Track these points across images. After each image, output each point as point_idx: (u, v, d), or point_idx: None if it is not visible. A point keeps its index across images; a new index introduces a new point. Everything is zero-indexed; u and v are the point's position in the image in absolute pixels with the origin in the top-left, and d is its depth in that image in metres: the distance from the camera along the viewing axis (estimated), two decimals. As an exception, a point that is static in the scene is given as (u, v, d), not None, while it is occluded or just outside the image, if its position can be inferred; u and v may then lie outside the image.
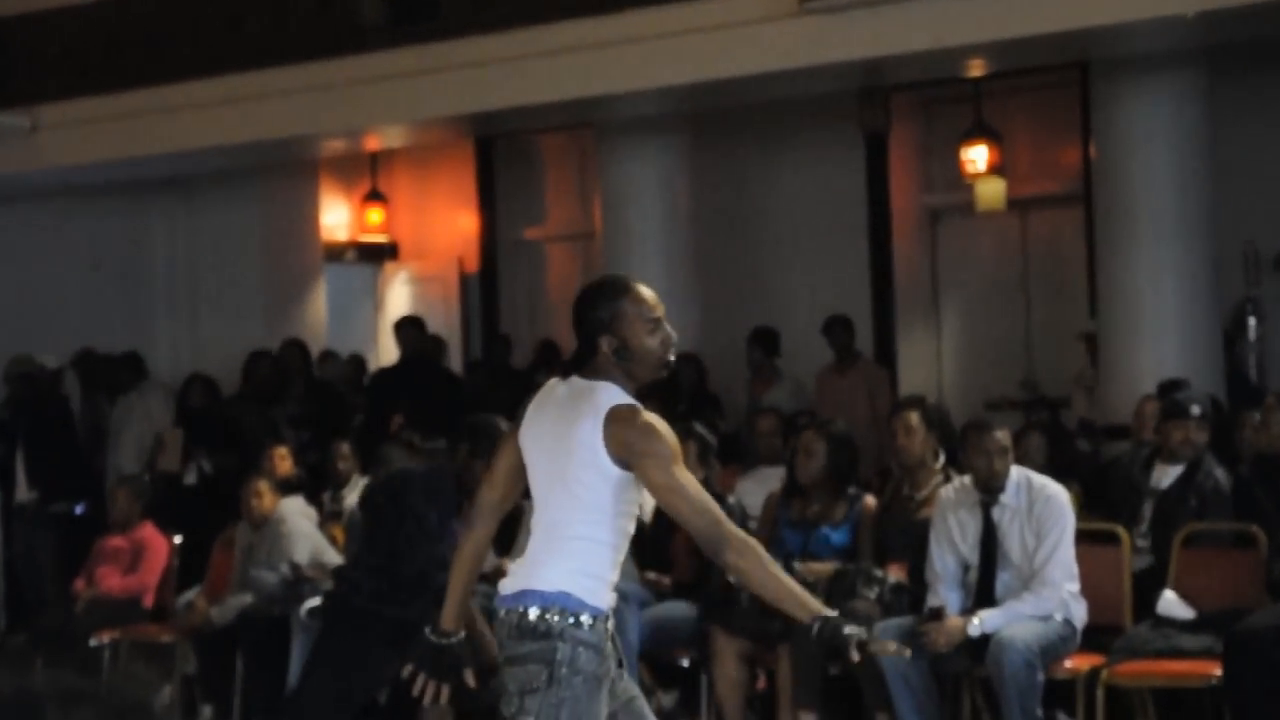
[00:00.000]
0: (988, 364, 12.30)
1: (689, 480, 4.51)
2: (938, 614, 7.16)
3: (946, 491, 7.51)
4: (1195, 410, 8.02)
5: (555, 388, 4.69)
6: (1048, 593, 7.13)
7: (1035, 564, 7.16)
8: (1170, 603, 7.31)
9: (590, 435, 4.51)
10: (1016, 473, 7.34)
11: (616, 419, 4.51)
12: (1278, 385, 10.07)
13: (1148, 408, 8.90)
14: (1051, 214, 12.30)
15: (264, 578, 9.15)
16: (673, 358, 4.75)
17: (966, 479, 7.41)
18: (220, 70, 11.96)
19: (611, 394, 4.58)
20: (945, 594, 7.28)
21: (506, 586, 4.61)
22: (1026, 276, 12.42)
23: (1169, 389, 9.21)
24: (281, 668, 8.75)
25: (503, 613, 4.57)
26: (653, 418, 4.55)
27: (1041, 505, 7.23)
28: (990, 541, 7.31)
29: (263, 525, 9.46)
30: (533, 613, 4.51)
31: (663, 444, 4.49)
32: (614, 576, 4.60)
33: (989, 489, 7.34)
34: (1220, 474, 7.93)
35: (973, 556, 7.32)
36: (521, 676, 4.49)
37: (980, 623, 7.10)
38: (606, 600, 4.56)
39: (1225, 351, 10.61)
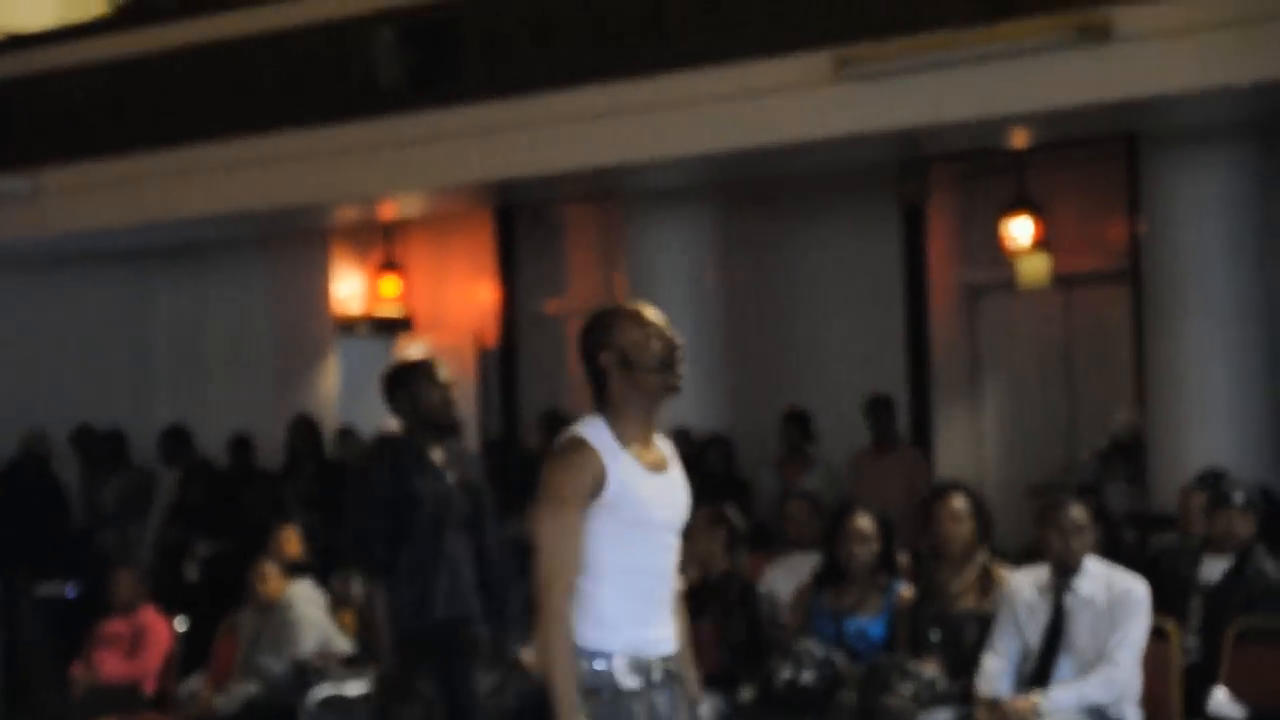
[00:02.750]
0: (1030, 447, 12.32)
1: (553, 527, 4.64)
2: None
3: (1020, 577, 7.56)
4: (1238, 499, 8.06)
5: None
6: (1118, 675, 7.13)
7: (1106, 649, 7.19)
8: (1221, 703, 7.33)
9: None
10: (1096, 565, 7.40)
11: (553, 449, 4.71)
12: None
13: (1193, 498, 8.94)
14: (1097, 291, 12.35)
15: (270, 666, 9.19)
16: (681, 366, 4.83)
17: (1043, 570, 7.45)
18: (229, 134, 12.10)
19: (575, 428, 4.74)
20: (999, 684, 7.31)
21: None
22: (1071, 356, 12.46)
23: (1208, 479, 9.24)
24: (288, 760, 8.80)
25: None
26: (571, 453, 4.67)
27: (1120, 598, 7.26)
28: (1058, 627, 7.34)
29: (269, 610, 9.51)
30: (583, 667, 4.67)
31: (550, 478, 4.65)
32: (624, 616, 4.71)
33: (1064, 569, 7.38)
34: (1271, 566, 7.97)
35: (1035, 642, 7.36)
36: None
37: (1048, 700, 7.10)
38: (611, 642, 4.68)
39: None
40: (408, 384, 7.48)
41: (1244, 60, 9.00)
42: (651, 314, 4.84)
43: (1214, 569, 8.10)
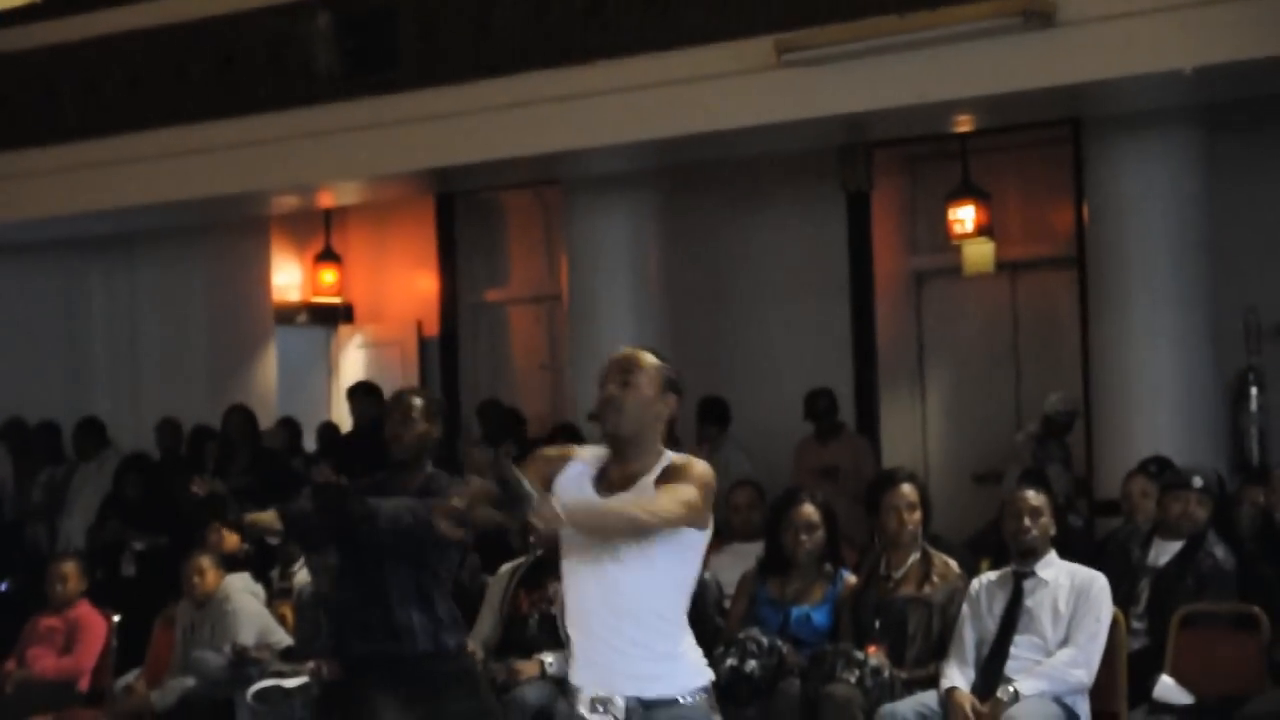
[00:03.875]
0: (975, 434, 12.36)
1: (678, 506, 4.77)
2: None
3: (982, 578, 7.68)
4: (1197, 482, 8.10)
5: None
6: (1083, 658, 7.24)
7: (1069, 635, 7.28)
8: (1168, 688, 7.37)
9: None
10: (1059, 560, 7.51)
11: (674, 465, 4.87)
12: (1280, 458, 10.17)
13: (1134, 484, 8.97)
14: (1042, 277, 12.40)
15: (207, 659, 9.14)
16: (605, 413, 4.91)
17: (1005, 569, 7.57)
18: (165, 122, 12.02)
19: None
20: (960, 674, 7.38)
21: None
22: (1016, 343, 12.50)
23: (1151, 465, 9.28)
24: (227, 755, 8.76)
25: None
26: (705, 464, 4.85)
27: (1083, 587, 7.40)
28: (1015, 609, 7.39)
29: (206, 604, 9.46)
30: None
31: (707, 482, 4.83)
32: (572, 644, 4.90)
33: (1022, 553, 7.46)
34: (1221, 552, 8.00)
35: (994, 628, 7.43)
36: None
37: (1015, 693, 7.18)
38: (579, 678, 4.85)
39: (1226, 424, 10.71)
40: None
41: (1187, 45, 9.03)
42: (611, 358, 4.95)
43: (1164, 553, 8.14)
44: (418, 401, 6.94)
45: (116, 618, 10.25)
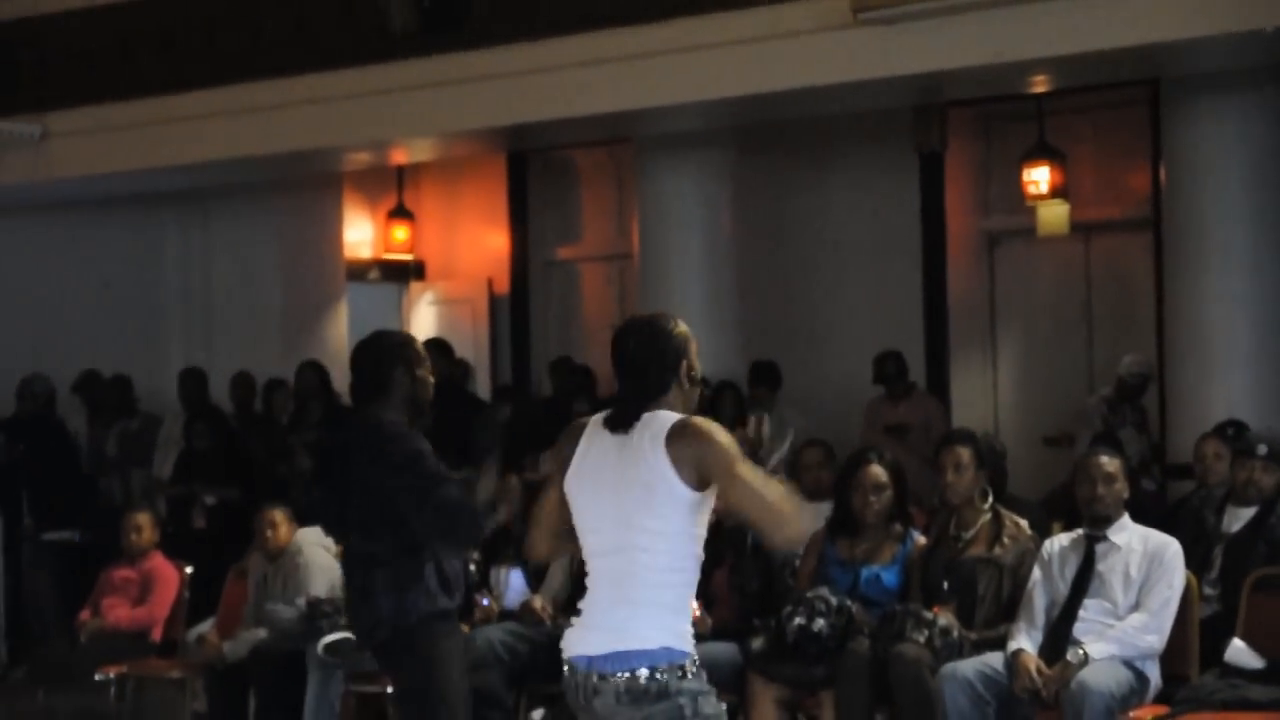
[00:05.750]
0: (1047, 397, 12.33)
1: (753, 476, 4.72)
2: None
3: (1055, 539, 7.69)
4: (1262, 450, 8.08)
5: (600, 434, 4.84)
6: (1154, 623, 7.27)
7: (1141, 600, 7.31)
8: (1239, 651, 7.34)
9: (660, 463, 4.68)
10: (1133, 525, 7.53)
11: (681, 433, 4.70)
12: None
13: (1207, 448, 8.94)
14: (1117, 240, 12.34)
15: (279, 612, 9.23)
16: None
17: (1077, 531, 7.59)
18: (239, 78, 12.07)
19: (666, 415, 4.75)
20: (1028, 636, 7.40)
21: (591, 646, 4.75)
22: (1090, 306, 12.46)
23: (1226, 429, 9.25)
24: (296, 705, 8.83)
25: (595, 677, 4.72)
26: (708, 422, 4.74)
27: (1156, 552, 7.42)
28: (1088, 572, 7.41)
29: (278, 557, 9.55)
30: (643, 674, 4.69)
31: (728, 439, 4.70)
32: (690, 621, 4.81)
33: (1094, 518, 7.48)
34: (1294, 517, 7.97)
35: (1065, 591, 7.46)
36: None
37: (1085, 655, 7.19)
38: (692, 643, 4.77)
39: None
40: (409, 362, 6.84)
41: (1269, 3, 8.96)
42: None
43: (1236, 519, 8.12)
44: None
45: (189, 569, 10.38)
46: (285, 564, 9.50)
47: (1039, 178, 11.91)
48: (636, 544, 4.72)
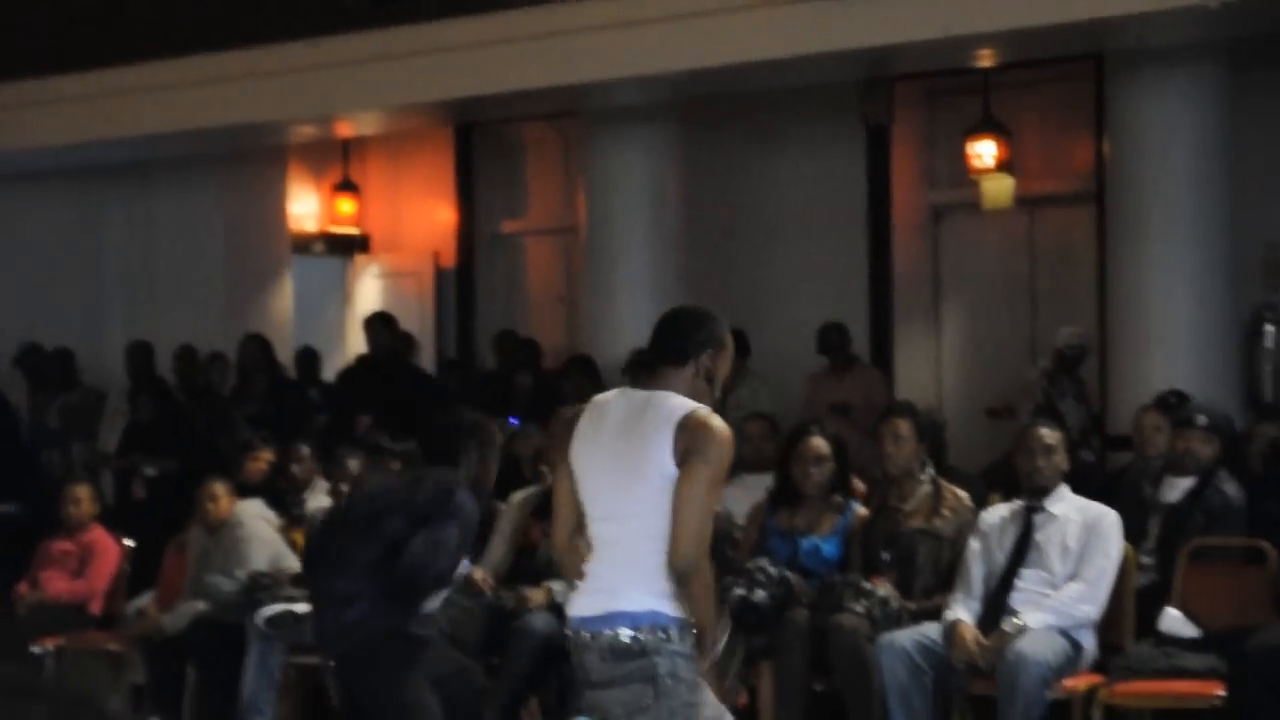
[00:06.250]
0: (990, 370, 12.37)
1: (710, 502, 4.89)
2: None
3: (993, 510, 7.76)
4: (1201, 420, 8.13)
5: (610, 401, 5.05)
6: (1091, 593, 7.32)
7: (1078, 571, 7.35)
8: (1174, 620, 7.40)
9: (662, 442, 4.85)
10: (1071, 495, 7.59)
11: (692, 423, 4.86)
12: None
13: (1146, 419, 8.98)
14: (1061, 213, 12.38)
15: (219, 584, 9.21)
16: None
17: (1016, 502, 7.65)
18: (184, 50, 12.01)
19: (684, 401, 4.93)
20: (965, 606, 7.44)
21: (585, 608, 4.96)
22: (1033, 279, 12.49)
23: (1166, 400, 9.30)
24: (235, 678, 8.82)
25: (587, 636, 4.92)
26: (724, 427, 4.90)
27: (1094, 523, 7.48)
28: (1025, 542, 7.45)
29: (218, 529, 9.52)
30: (625, 634, 4.86)
31: (722, 456, 4.86)
32: None
33: (1034, 489, 7.54)
34: (1231, 489, 8.02)
35: (1002, 560, 7.50)
36: (625, 697, 4.85)
37: (1022, 625, 7.22)
38: (685, 611, 4.89)
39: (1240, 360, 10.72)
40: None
41: (1213, -21, 8.99)
42: None
43: (1174, 490, 8.16)
44: None
45: (129, 542, 10.35)
46: (225, 537, 9.48)
47: (984, 151, 11.94)
48: (631, 510, 4.90)
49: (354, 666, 7.00)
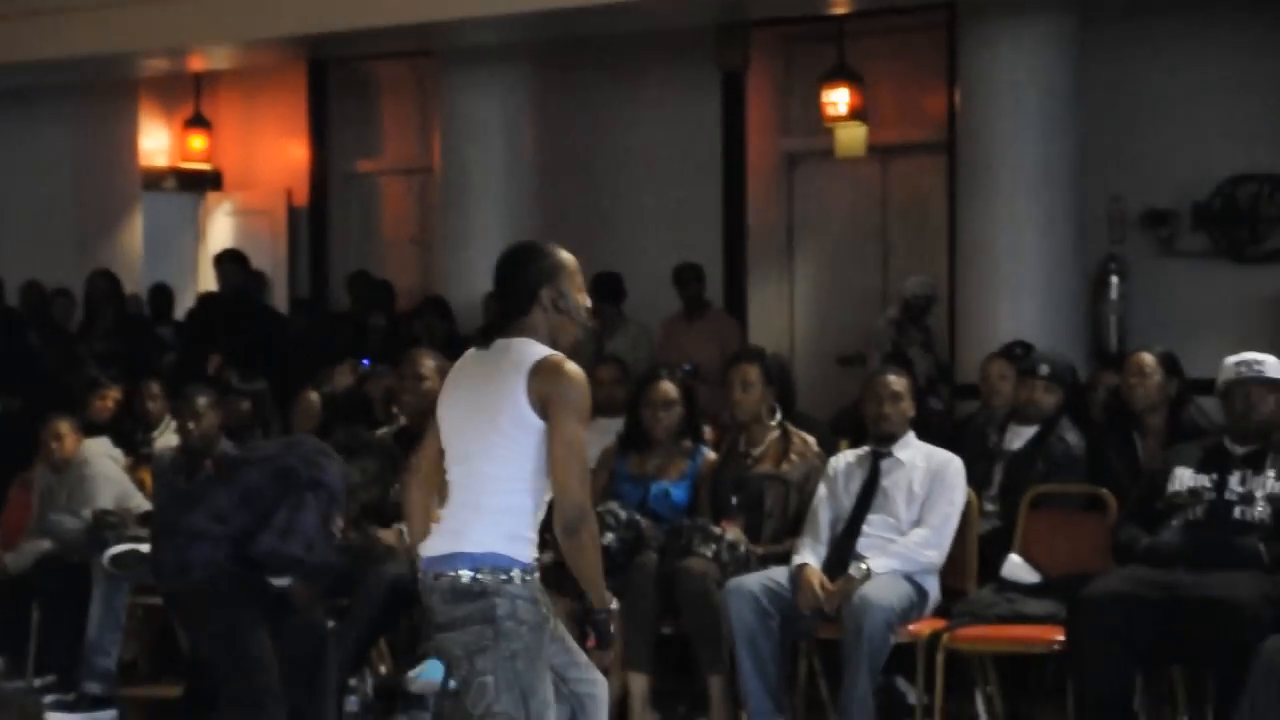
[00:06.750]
0: (843, 317, 12.46)
1: (584, 445, 4.89)
2: None
3: (840, 455, 7.82)
4: (1044, 370, 8.24)
5: (469, 358, 5.08)
6: (936, 539, 7.41)
7: (923, 517, 7.45)
8: (1015, 566, 7.51)
9: (515, 389, 4.86)
10: (917, 442, 7.66)
11: (544, 369, 4.88)
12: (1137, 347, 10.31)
13: (992, 368, 9.10)
14: (914, 162, 12.47)
15: (64, 523, 9.11)
16: (591, 322, 5.19)
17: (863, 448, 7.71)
18: (31, -21, 11.82)
19: (536, 348, 4.93)
20: (812, 551, 7.50)
21: (431, 548, 4.97)
22: (886, 227, 12.59)
23: (1012, 349, 9.43)
24: (80, 618, 8.73)
25: (431, 577, 4.93)
26: (577, 370, 4.91)
27: (939, 469, 7.56)
28: (872, 487, 7.53)
29: (64, 468, 9.40)
30: (465, 575, 4.87)
31: (582, 397, 4.88)
32: (534, 533, 4.97)
33: (880, 436, 7.62)
34: (1073, 437, 8.14)
35: (849, 506, 7.57)
36: (465, 639, 4.86)
37: (868, 570, 7.30)
38: (531, 554, 4.94)
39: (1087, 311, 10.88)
40: None
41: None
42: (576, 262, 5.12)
43: (1018, 438, 8.27)
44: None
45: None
46: (71, 476, 9.36)
47: (838, 99, 12.00)
48: (482, 453, 4.92)
49: (187, 604, 7.00)
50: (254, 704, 6.88)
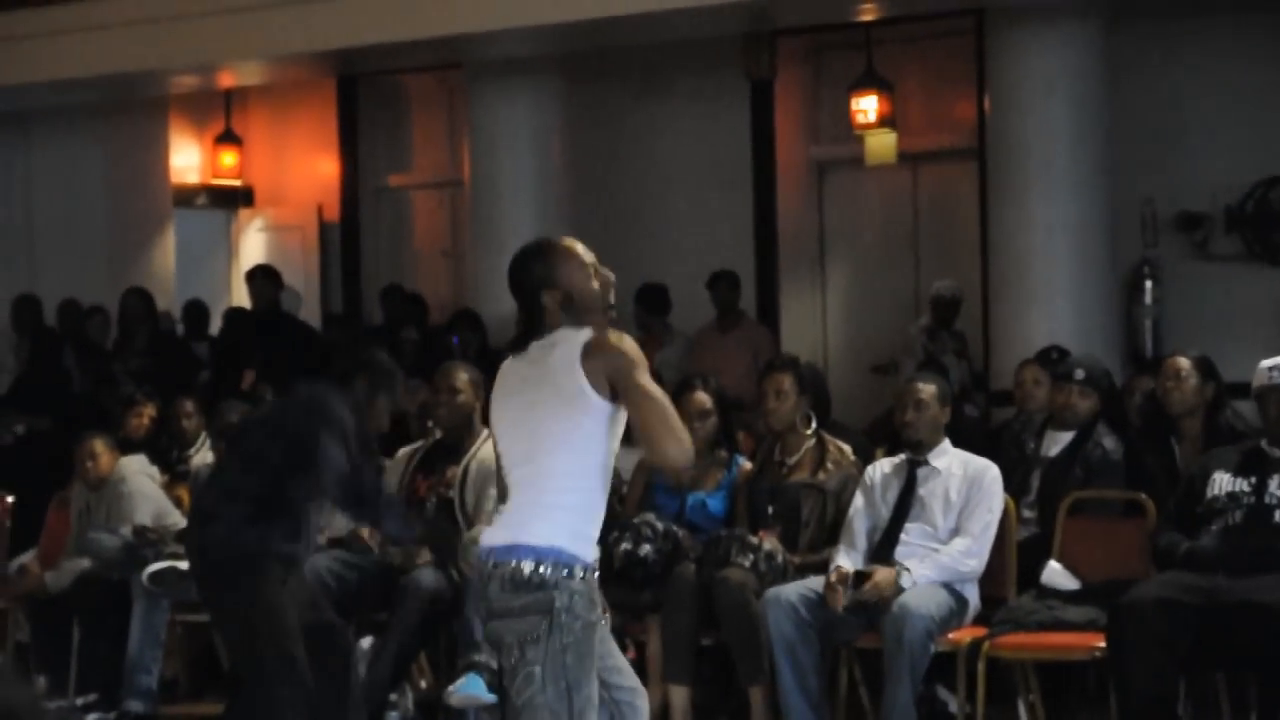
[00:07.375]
0: (875, 325, 12.45)
1: (661, 392, 4.85)
2: (863, 577, 7.31)
3: (877, 464, 7.79)
4: (1079, 375, 8.21)
5: (511, 365, 5.04)
6: (975, 547, 7.38)
7: (961, 524, 7.42)
8: (1054, 573, 7.49)
9: (575, 375, 4.84)
10: (953, 450, 7.64)
11: (595, 347, 4.85)
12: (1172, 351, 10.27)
13: (1026, 373, 9.07)
14: (944, 169, 12.46)
15: (102, 541, 9.12)
16: (614, 300, 5.06)
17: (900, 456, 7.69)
18: (62, -2, 11.85)
19: (577, 333, 4.90)
20: (848, 560, 7.48)
21: (492, 539, 4.95)
22: (917, 234, 12.58)
23: (1047, 355, 9.40)
24: (120, 635, 8.75)
25: (491, 565, 4.90)
26: (621, 334, 4.89)
27: (976, 476, 7.52)
28: (909, 496, 7.51)
29: (101, 486, 9.41)
30: (526, 566, 4.84)
31: (637, 354, 4.84)
32: (596, 532, 4.96)
33: (909, 444, 7.60)
34: (1110, 442, 8.11)
35: (887, 515, 7.55)
36: (520, 628, 4.84)
37: (913, 575, 7.27)
38: (593, 554, 4.94)
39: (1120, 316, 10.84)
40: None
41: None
42: (581, 247, 5.06)
43: (1055, 444, 8.25)
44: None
45: (10, 498, 10.21)
46: (108, 493, 9.37)
47: (867, 107, 11.99)
48: (544, 449, 4.90)
49: (210, 585, 6.95)
50: (279, 674, 6.75)
